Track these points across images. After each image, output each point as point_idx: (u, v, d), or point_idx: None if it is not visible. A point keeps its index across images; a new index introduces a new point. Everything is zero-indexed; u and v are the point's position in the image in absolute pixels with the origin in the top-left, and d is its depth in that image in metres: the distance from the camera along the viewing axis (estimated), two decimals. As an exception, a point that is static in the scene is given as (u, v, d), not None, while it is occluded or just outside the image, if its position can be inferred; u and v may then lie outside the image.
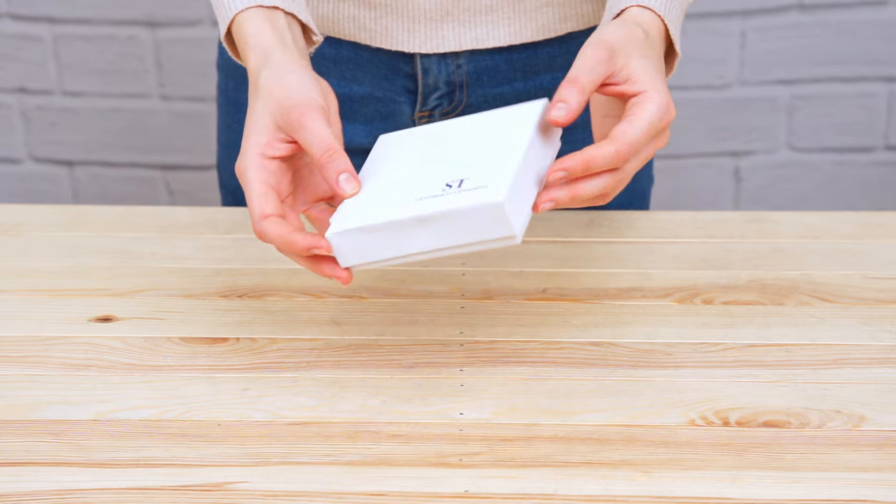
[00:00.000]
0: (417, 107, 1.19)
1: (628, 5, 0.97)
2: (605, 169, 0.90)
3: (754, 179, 2.13)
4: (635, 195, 1.26)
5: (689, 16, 2.03)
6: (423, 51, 1.15)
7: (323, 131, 0.91)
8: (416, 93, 1.19)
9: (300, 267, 1.12)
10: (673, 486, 0.86)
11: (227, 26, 1.00)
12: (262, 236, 0.92)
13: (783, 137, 2.11)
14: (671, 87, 2.04)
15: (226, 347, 1.02)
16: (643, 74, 0.93)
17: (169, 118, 2.11)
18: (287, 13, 0.99)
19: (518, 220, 0.88)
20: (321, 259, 0.92)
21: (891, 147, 2.12)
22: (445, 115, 1.20)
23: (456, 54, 1.16)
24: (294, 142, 0.93)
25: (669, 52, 1.00)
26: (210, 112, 2.09)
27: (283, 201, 0.94)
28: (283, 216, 0.92)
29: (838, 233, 1.18)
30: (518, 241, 0.88)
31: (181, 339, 1.03)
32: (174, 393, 0.96)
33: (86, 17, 2.06)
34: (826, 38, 2.05)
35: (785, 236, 1.17)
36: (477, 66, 1.17)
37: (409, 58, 1.17)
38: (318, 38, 1.02)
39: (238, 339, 1.03)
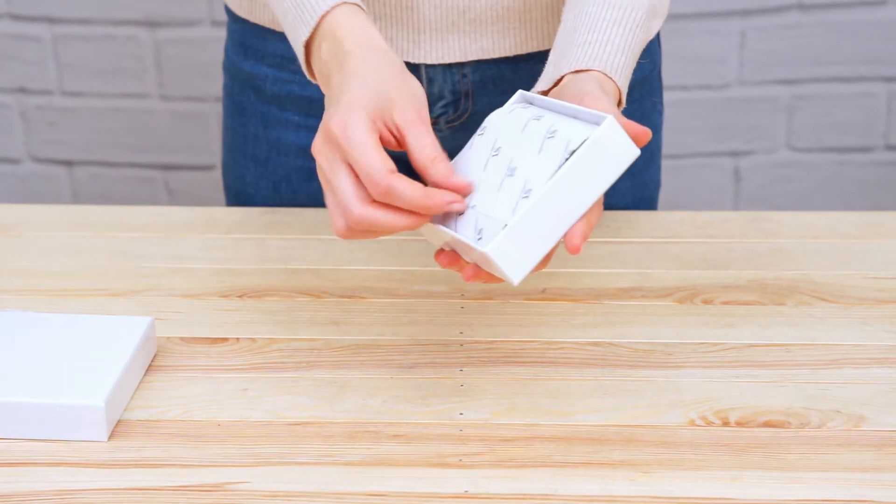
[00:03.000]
0: None
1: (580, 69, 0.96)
2: None
3: (754, 179, 2.13)
4: (643, 200, 1.26)
5: (689, 16, 2.03)
6: (429, 61, 1.14)
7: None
8: None
9: (300, 267, 1.12)
10: (672, 487, 0.86)
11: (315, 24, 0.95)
12: (389, 193, 0.85)
13: (783, 137, 2.11)
14: (674, 87, 2.04)
15: (226, 347, 1.02)
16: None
17: (169, 118, 2.11)
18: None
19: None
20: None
21: (891, 147, 2.12)
22: (450, 124, 1.19)
23: (462, 64, 1.16)
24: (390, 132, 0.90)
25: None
26: (210, 112, 2.09)
27: None
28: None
29: (838, 233, 1.18)
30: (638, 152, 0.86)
31: (181, 339, 1.03)
32: (174, 393, 0.96)
33: (85, 17, 2.06)
34: (826, 38, 2.05)
35: (785, 236, 1.17)
36: (483, 75, 1.16)
37: (414, 66, 1.15)
38: None
39: (238, 339, 1.03)
